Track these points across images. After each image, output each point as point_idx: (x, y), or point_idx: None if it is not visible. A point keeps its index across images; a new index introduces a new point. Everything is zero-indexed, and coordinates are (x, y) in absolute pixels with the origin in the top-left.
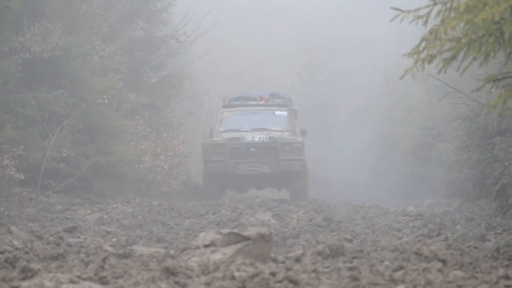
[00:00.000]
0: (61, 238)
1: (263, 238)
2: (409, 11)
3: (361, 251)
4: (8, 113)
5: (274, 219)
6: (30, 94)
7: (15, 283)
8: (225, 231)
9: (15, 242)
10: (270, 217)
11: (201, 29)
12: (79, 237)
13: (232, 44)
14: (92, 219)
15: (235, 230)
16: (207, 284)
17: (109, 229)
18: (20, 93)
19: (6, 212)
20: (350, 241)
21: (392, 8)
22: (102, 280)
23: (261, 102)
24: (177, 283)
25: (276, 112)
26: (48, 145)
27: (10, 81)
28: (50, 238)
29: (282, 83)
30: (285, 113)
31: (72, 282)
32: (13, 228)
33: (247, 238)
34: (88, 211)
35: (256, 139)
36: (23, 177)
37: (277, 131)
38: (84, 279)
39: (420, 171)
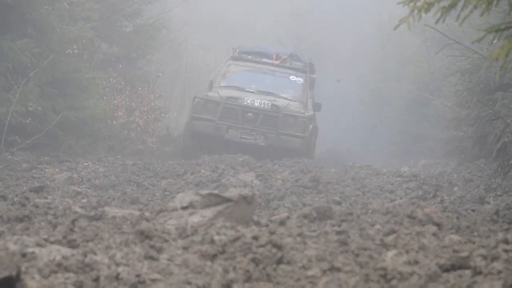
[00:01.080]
0: (27, 198)
1: (245, 199)
2: None
3: (351, 214)
4: None
5: (258, 179)
6: None
7: None
8: (205, 192)
9: None
10: (253, 178)
11: None
12: (46, 198)
13: None
14: (61, 179)
15: (215, 191)
16: (184, 248)
17: (79, 190)
18: None
19: None
20: (339, 203)
21: None
22: (71, 244)
23: (276, 62)
24: (152, 247)
25: (291, 77)
26: (13, 99)
27: None
28: (15, 199)
29: (268, 33)
30: (301, 79)
31: (38, 245)
32: None
33: (228, 200)
34: (56, 170)
35: (256, 104)
36: None
37: (286, 99)
38: (52, 242)
39: (415, 129)
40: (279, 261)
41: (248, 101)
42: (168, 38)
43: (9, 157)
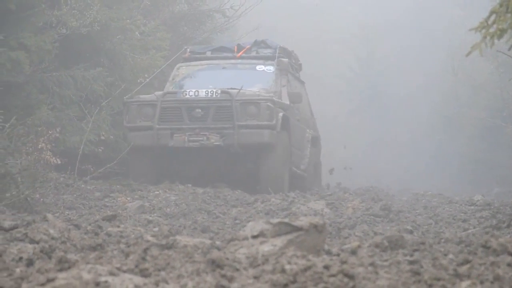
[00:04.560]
0: (100, 227)
1: (316, 228)
2: None
3: (423, 243)
4: (43, 93)
5: (328, 208)
6: (67, 73)
7: (51, 275)
8: (275, 220)
9: (51, 231)
10: (324, 206)
11: (249, 3)
12: (119, 226)
13: (282, 18)
14: (133, 207)
15: (286, 220)
16: (255, 277)
17: (150, 218)
18: (56, 72)
19: (42, 199)
20: (410, 232)
21: None
22: (143, 273)
23: (238, 55)
24: (223, 276)
25: (258, 67)
26: (86, 128)
27: (46, 59)
28: (88, 227)
29: (337, 60)
30: (270, 68)
31: (111, 274)
32: (49, 216)
33: (298, 229)
34: (128, 198)
35: (202, 95)
36: (59, 162)
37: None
38: (124, 271)
39: (488, 156)
40: None
41: (191, 93)
42: None
43: (82, 185)
